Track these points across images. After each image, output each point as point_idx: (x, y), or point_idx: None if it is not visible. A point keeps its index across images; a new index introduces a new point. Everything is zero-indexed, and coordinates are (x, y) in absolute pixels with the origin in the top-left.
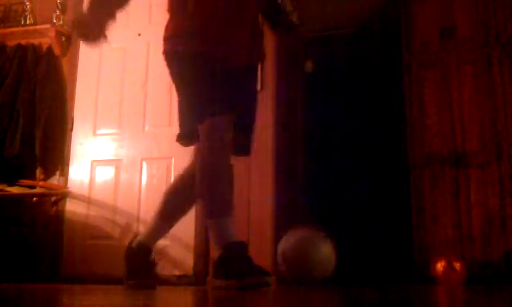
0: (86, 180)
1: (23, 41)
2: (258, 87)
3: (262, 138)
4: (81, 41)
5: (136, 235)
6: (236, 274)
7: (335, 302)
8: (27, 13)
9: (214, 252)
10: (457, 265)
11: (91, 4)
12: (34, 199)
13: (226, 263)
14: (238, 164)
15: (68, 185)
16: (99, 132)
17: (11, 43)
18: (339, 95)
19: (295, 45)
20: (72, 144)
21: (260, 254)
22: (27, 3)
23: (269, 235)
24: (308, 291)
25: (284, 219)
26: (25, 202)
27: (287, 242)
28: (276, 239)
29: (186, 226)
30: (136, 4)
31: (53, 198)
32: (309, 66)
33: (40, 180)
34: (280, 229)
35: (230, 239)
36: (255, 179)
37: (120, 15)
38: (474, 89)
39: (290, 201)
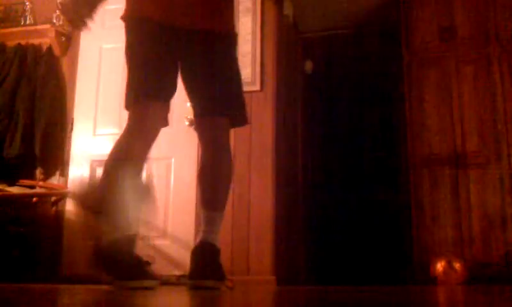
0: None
1: (23, 41)
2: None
3: (262, 138)
4: (70, 25)
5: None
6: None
7: (334, 302)
8: (27, 13)
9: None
10: (457, 265)
11: None
12: (34, 199)
13: (113, 257)
14: (238, 164)
15: (68, 185)
16: (99, 132)
17: (11, 43)
18: (339, 95)
19: (295, 45)
20: (72, 144)
21: (260, 254)
22: (27, 3)
23: (269, 235)
24: (308, 292)
25: (284, 220)
26: (25, 202)
27: None
28: (276, 239)
29: (186, 226)
30: None
31: (53, 198)
32: (309, 66)
33: (40, 180)
34: (279, 230)
35: (124, 231)
36: (255, 179)
37: (120, 15)
38: (474, 89)
39: (290, 201)
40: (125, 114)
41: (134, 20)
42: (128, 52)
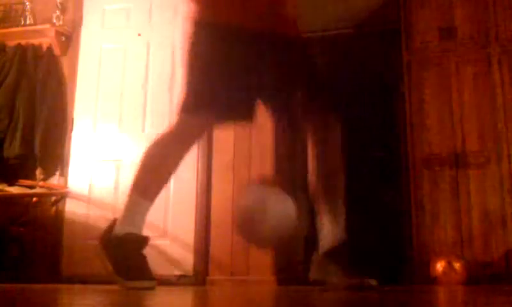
0: (86, 180)
1: (23, 41)
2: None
3: (262, 138)
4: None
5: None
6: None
7: (334, 302)
8: (27, 13)
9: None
10: (457, 265)
11: None
12: (34, 199)
13: (119, 251)
14: (238, 164)
15: (68, 185)
16: (99, 132)
17: (11, 43)
18: (339, 95)
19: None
20: (71, 144)
21: (260, 254)
22: (27, 3)
23: None
24: (308, 292)
25: None
26: (25, 202)
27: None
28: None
29: (186, 226)
30: (136, 4)
31: (53, 198)
32: None
33: (40, 180)
34: None
35: (135, 228)
36: (255, 179)
37: (120, 15)
38: (474, 89)
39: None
40: (125, 114)
41: (201, 25)
42: (196, 54)
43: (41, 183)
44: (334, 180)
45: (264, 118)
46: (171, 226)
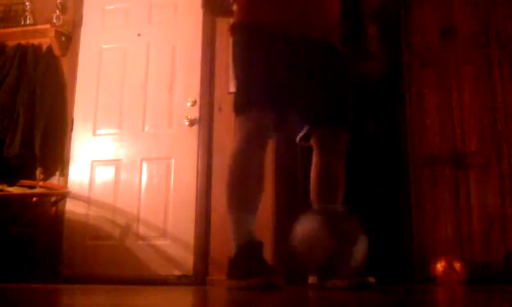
0: (86, 180)
1: (23, 41)
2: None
3: None
4: None
5: None
6: (244, 274)
7: (334, 302)
8: (27, 13)
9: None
10: (457, 265)
11: None
12: (34, 199)
13: (236, 262)
14: None
15: (68, 185)
16: (99, 132)
17: (11, 43)
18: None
19: None
20: (71, 144)
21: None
22: (27, 3)
23: (269, 235)
24: (308, 292)
25: (284, 219)
26: (25, 202)
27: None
28: (276, 239)
29: (186, 226)
30: (135, 4)
31: (53, 198)
32: None
33: (40, 180)
34: (280, 230)
35: (244, 238)
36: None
37: (120, 15)
38: (474, 89)
39: (290, 201)
40: (125, 114)
41: (245, 25)
42: (235, 57)
43: (41, 183)
44: (335, 191)
45: None
46: (171, 226)
